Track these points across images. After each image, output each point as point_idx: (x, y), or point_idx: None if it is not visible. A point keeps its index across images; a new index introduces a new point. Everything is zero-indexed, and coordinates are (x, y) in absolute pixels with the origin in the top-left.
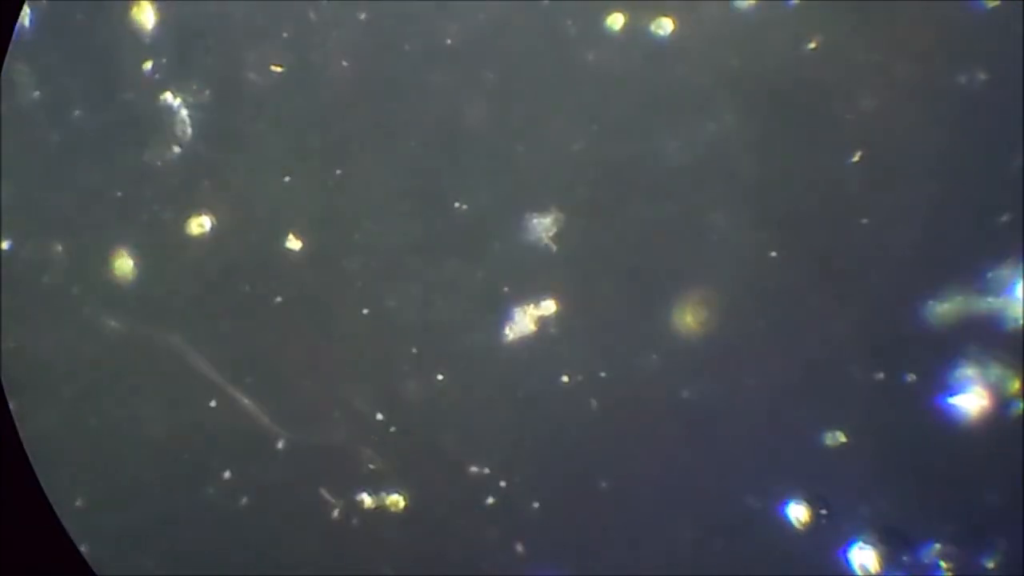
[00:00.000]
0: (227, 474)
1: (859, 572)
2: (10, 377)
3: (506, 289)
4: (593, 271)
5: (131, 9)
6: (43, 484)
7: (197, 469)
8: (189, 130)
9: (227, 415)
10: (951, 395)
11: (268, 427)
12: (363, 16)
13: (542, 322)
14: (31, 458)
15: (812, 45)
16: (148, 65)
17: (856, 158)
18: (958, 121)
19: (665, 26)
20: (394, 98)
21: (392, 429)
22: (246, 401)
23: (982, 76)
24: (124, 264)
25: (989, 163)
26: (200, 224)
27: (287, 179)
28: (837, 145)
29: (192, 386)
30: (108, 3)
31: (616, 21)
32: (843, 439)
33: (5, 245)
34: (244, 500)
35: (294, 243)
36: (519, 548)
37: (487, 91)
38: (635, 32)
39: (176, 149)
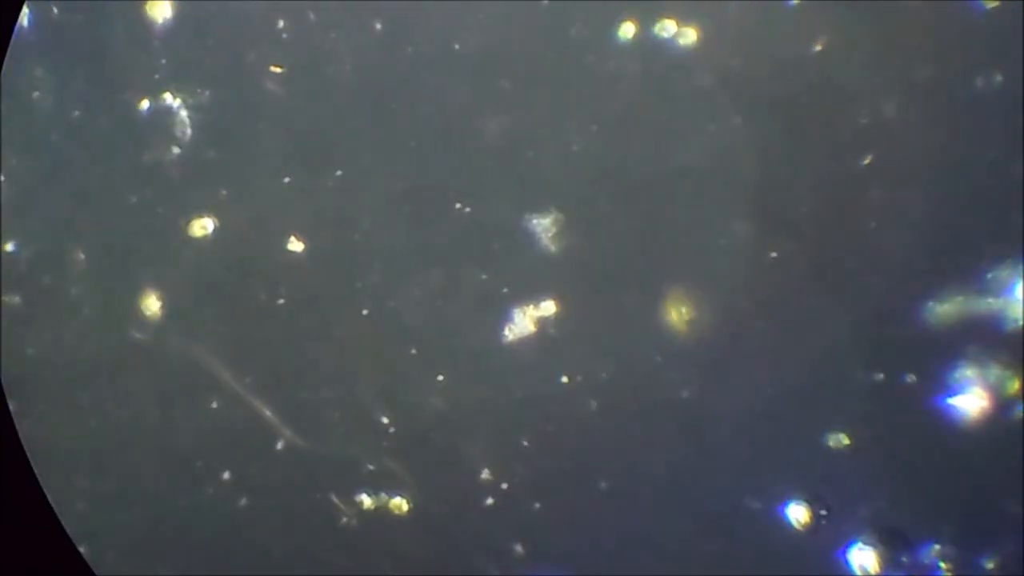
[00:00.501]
0: (227, 474)
1: (859, 573)
2: (10, 377)
3: (506, 290)
4: (593, 272)
5: (145, 5)
6: (43, 484)
7: (197, 469)
8: (189, 130)
9: (227, 416)
10: (951, 396)
11: (289, 438)
12: (364, 17)
13: (542, 323)
14: (31, 458)
15: (818, 47)
16: (148, 65)
17: (867, 161)
18: (957, 121)
19: (669, 28)
20: (394, 99)
21: (392, 430)
22: (268, 413)
23: (982, 76)
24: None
25: (989, 163)
26: (203, 226)
27: (287, 180)
28: (837, 146)
29: (192, 387)
30: (108, 3)
31: (628, 31)
32: (846, 441)
33: (9, 247)
34: (244, 500)
35: (296, 245)
36: (519, 548)
37: (488, 93)
38: (637, 33)
39: (176, 149)
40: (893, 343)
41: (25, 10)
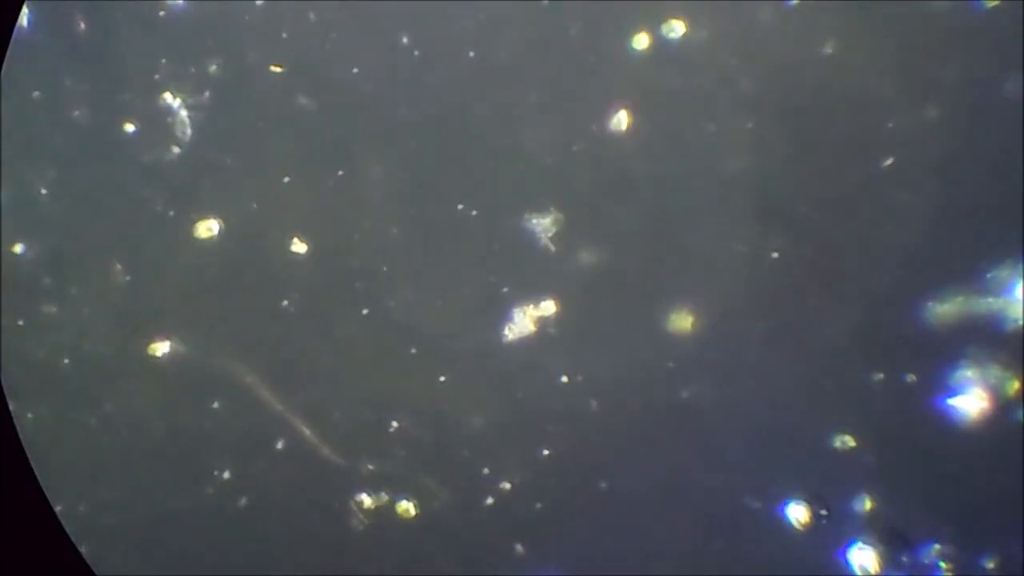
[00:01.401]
0: (227, 474)
1: (859, 572)
2: (10, 378)
3: (505, 289)
4: (593, 271)
5: None
6: (43, 484)
7: (197, 469)
8: (189, 130)
9: (228, 416)
10: (951, 396)
11: (328, 457)
12: (364, 17)
13: (542, 323)
14: (31, 458)
15: (820, 49)
16: (148, 65)
17: (888, 162)
18: (958, 122)
19: (676, 28)
20: (395, 100)
21: (391, 430)
22: (307, 431)
23: (982, 77)
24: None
25: (988, 163)
26: (208, 228)
27: (286, 179)
28: (838, 146)
29: (192, 386)
30: (109, 3)
31: (641, 41)
32: (852, 443)
33: (10, 248)
34: (244, 500)
35: (299, 246)
36: (519, 548)
37: (488, 91)
38: (640, 33)
39: (176, 150)
40: (893, 343)
41: (25, 10)
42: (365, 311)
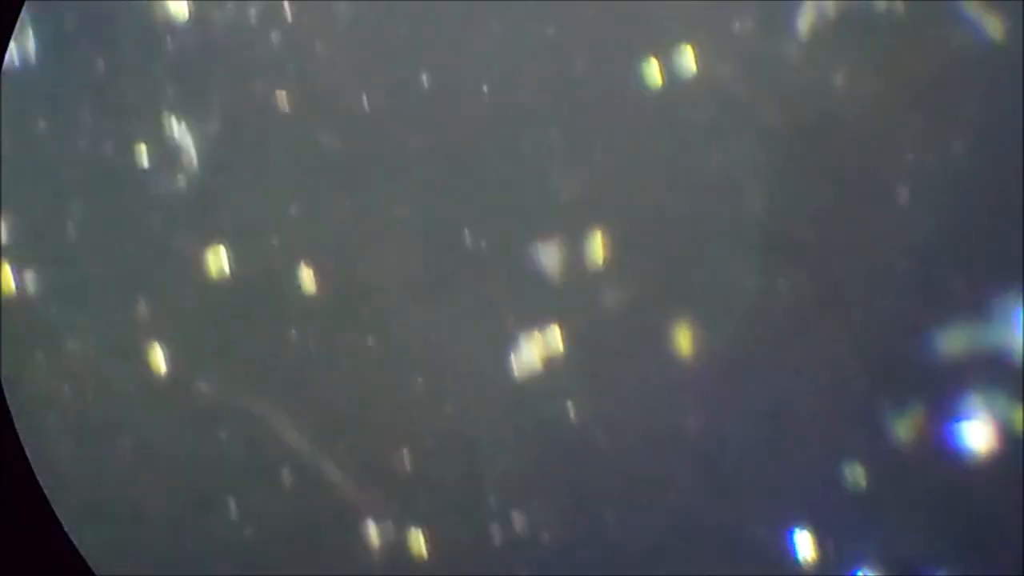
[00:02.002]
0: (232, 505)
1: None
2: (18, 405)
3: (512, 319)
4: (599, 301)
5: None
6: (49, 526)
7: (203, 498)
8: (195, 160)
9: (233, 444)
10: (958, 426)
11: (357, 498)
12: (372, 47)
13: (549, 352)
14: (33, 465)
15: (824, 77)
16: (154, 93)
17: (902, 194)
18: (965, 148)
19: (686, 59)
20: (401, 128)
21: (399, 461)
22: (333, 468)
23: (989, 107)
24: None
25: (995, 192)
26: (213, 257)
27: (294, 209)
28: (844, 173)
29: (198, 413)
30: (115, 31)
31: (651, 73)
32: (859, 473)
33: (25, 279)
34: (249, 531)
35: (307, 276)
36: None
37: (495, 121)
38: (645, 63)
39: (183, 179)
40: (899, 372)
41: (31, 39)
42: (371, 341)
